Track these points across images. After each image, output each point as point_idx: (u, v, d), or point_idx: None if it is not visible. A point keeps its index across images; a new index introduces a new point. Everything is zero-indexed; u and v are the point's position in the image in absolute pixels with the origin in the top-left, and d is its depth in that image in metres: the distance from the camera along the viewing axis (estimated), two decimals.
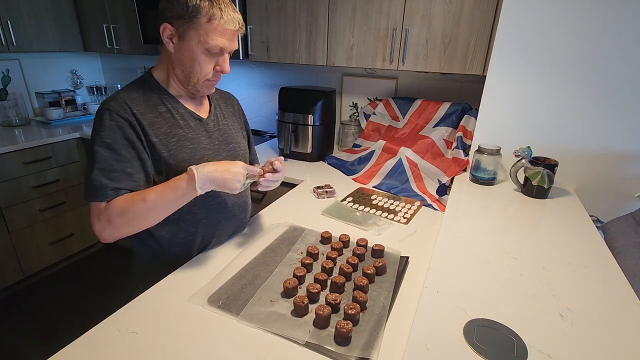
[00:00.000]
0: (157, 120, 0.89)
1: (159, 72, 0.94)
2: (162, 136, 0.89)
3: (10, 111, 2.43)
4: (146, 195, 0.82)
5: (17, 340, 1.94)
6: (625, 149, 1.27)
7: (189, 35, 0.84)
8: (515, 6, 1.26)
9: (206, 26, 0.83)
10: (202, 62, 0.87)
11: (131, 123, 0.84)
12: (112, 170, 0.82)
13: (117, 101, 0.85)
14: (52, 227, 2.34)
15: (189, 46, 0.85)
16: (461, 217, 1.12)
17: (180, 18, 0.82)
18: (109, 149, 0.82)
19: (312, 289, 0.83)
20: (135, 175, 0.85)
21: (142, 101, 0.88)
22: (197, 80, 0.90)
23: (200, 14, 0.81)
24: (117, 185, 0.83)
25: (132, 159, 0.85)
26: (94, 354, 0.68)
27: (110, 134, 0.82)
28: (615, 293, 0.78)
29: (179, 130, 0.93)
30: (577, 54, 1.23)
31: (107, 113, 0.83)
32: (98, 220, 0.83)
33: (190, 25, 0.83)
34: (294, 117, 1.83)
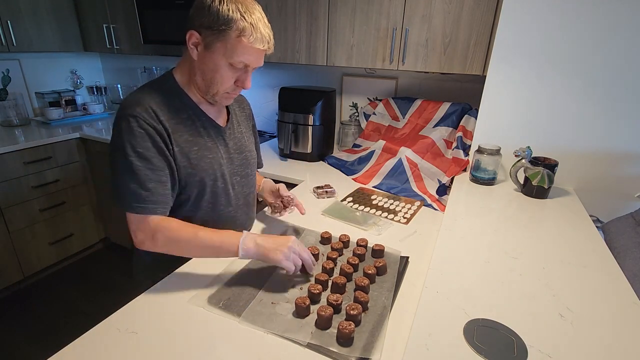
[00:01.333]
0: (178, 126, 0.87)
1: (180, 74, 0.91)
2: (183, 144, 0.88)
3: (10, 111, 2.43)
4: (198, 232, 0.85)
5: (17, 340, 1.94)
6: (626, 149, 1.27)
7: (215, 46, 0.81)
8: (515, 6, 1.26)
9: (234, 41, 0.80)
10: (224, 75, 0.85)
11: (159, 131, 0.83)
12: (148, 181, 0.82)
13: (142, 107, 0.82)
14: (52, 227, 2.34)
15: (213, 57, 0.82)
16: (461, 217, 1.12)
17: (209, 28, 0.79)
18: (142, 158, 0.81)
19: (313, 289, 0.83)
20: (168, 184, 0.86)
21: (165, 105, 0.86)
22: (216, 92, 0.88)
23: (231, 28, 0.78)
24: (155, 197, 0.82)
25: (164, 167, 0.84)
26: (94, 354, 0.68)
27: (141, 142, 0.80)
28: (615, 293, 0.78)
29: (200, 139, 0.91)
30: (577, 53, 1.23)
31: (134, 120, 0.80)
32: (142, 232, 0.84)
33: (218, 38, 0.80)
34: (294, 117, 1.83)
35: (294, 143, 1.87)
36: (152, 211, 0.83)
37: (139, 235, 0.85)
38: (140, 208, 0.82)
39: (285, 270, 0.86)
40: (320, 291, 0.84)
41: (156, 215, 0.84)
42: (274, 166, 1.81)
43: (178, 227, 0.85)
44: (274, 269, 0.94)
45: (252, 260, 0.98)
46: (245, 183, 1.06)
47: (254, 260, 0.98)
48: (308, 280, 0.91)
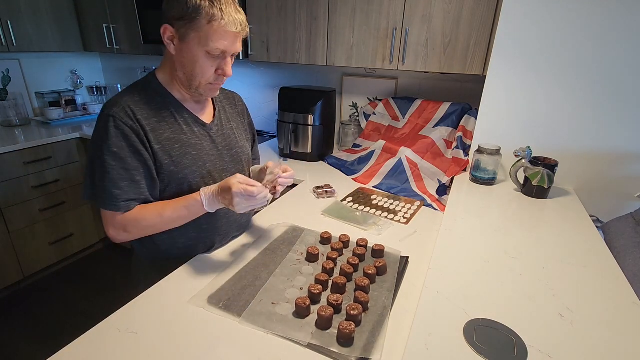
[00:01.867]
0: (160, 125, 0.88)
1: (162, 74, 0.92)
2: (164, 142, 0.88)
3: (10, 111, 2.43)
4: (163, 212, 0.88)
5: (17, 340, 1.94)
6: (625, 149, 1.27)
7: (189, 37, 0.81)
8: (515, 6, 1.26)
9: (206, 28, 0.80)
10: (203, 65, 0.85)
11: (135, 130, 0.83)
12: (121, 179, 0.83)
13: (120, 106, 0.83)
14: (52, 227, 2.34)
15: (190, 48, 0.82)
16: (461, 217, 1.12)
17: (180, 19, 0.80)
18: (116, 157, 0.82)
19: (313, 289, 0.83)
20: (143, 183, 0.87)
21: (145, 104, 0.87)
22: (199, 84, 0.88)
23: (201, 15, 0.78)
24: (127, 195, 0.85)
25: (138, 166, 0.85)
26: (94, 354, 0.68)
27: (116, 142, 0.82)
28: (615, 293, 0.78)
29: (182, 136, 0.92)
30: (577, 54, 1.23)
31: (111, 120, 0.82)
32: (113, 227, 0.88)
33: (190, 27, 0.80)
34: (294, 117, 1.83)
35: (294, 143, 1.87)
36: (124, 207, 0.85)
37: (111, 230, 0.89)
38: (113, 206, 0.84)
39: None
40: (321, 291, 0.84)
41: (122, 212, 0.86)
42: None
43: (142, 212, 0.88)
44: (274, 269, 0.94)
45: (252, 260, 0.99)
46: None
47: (254, 261, 0.98)
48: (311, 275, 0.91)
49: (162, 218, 0.88)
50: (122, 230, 0.88)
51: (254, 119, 1.23)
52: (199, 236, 0.99)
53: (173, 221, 0.90)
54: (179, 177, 0.91)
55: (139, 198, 0.87)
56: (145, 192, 0.88)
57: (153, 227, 0.90)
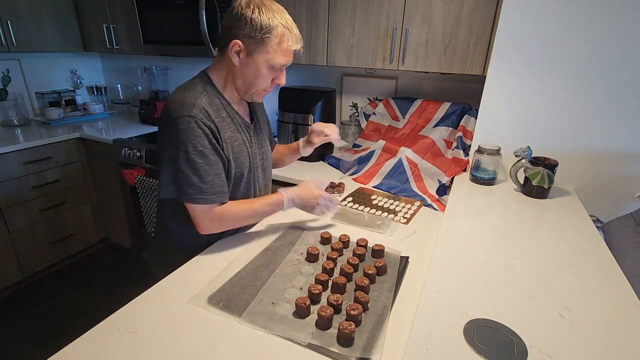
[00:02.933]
0: (222, 124, 0.95)
1: (217, 76, 0.97)
2: (227, 140, 0.97)
3: (10, 111, 2.43)
4: (253, 206, 1.01)
5: (17, 340, 1.94)
6: (625, 149, 1.27)
7: (257, 53, 0.89)
8: (515, 6, 1.26)
9: (276, 47, 0.89)
10: (265, 77, 0.94)
11: (212, 130, 0.91)
12: (207, 175, 0.91)
13: (198, 108, 0.89)
14: (52, 227, 2.34)
15: (256, 63, 0.91)
16: (461, 217, 1.12)
17: (251, 37, 0.87)
18: (202, 155, 0.90)
19: (313, 289, 0.83)
20: (223, 175, 0.96)
21: (209, 105, 0.93)
22: (255, 91, 0.97)
23: (272, 35, 0.88)
24: (214, 189, 0.93)
25: (218, 161, 0.94)
26: (94, 354, 0.68)
27: (200, 141, 0.89)
28: (615, 293, 0.78)
29: (238, 134, 1.00)
30: (577, 54, 1.23)
31: (193, 121, 0.88)
32: (210, 220, 0.95)
33: (260, 45, 0.88)
34: (294, 117, 1.83)
35: None
36: (212, 201, 0.93)
37: (207, 223, 0.95)
38: (202, 199, 0.92)
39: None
40: (321, 291, 0.84)
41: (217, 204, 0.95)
42: None
43: (239, 208, 0.99)
44: (274, 269, 0.95)
45: (252, 260, 0.99)
46: (264, 175, 1.16)
47: (254, 261, 0.99)
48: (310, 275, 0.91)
49: (253, 212, 1.01)
50: (217, 222, 0.96)
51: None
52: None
53: (259, 215, 1.05)
54: (237, 171, 1.01)
55: (223, 190, 0.95)
56: (225, 185, 0.97)
57: (245, 219, 1.02)
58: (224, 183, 0.96)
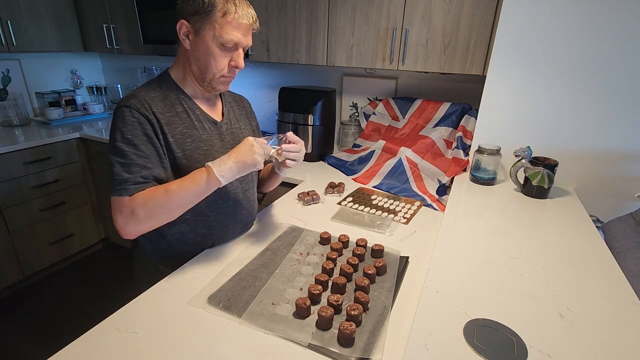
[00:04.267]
0: (174, 119, 0.91)
1: (175, 71, 0.95)
2: (178, 136, 0.91)
3: (10, 111, 2.43)
4: (168, 187, 0.84)
5: (18, 340, 1.94)
6: (625, 149, 1.27)
7: (204, 30, 0.86)
8: (515, 6, 1.26)
9: (221, 20, 0.85)
10: (217, 57, 0.88)
11: (150, 121, 0.86)
12: (132, 165, 0.84)
13: (137, 99, 0.87)
14: (52, 227, 2.34)
15: (205, 41, 0.87)
16: (461, 217, 1.12)
17: (196, 14, 0.85)
18: (130, 144, 0.84)
19: (313, 290, 0.83)
20: (154, 170, 0.87)
21: (160, 100, 0.90)
22: (212, 76, 0.91)
23: (216, 8, 0.84)
24: (136, 179, 0.83)
25: (151, 155, 0.86)
26: (94, 354, 0.68)
27: (131, 129, 0.84)
28: (615, 293, 0.78)
29: (194, 131, 0.94)
30: (577, 53, 1.23)
31: (127, 110, 0.85)
32: (121, 214, 0.83)
33: (205, 20, 0.85)
34: (294, 117, 1.83)
35: None
36: (132, 191, 0.82)
37: (120, 219, 0.83)
38: (122, 189, 0.82)
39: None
40: (321, 292, 0.84)
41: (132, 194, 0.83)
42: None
43: (148, 192, 0.83)
44: (274, 269, 0.94)
45: (252, 260, 0.99)
46: (244, 178, 1.05)
47: (254, 261, 0.98)
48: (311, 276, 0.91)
49: (168, 193, 0.83)
50: (130, 216, 0.82)
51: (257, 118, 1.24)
52: (207, 233, 1.01)
53: (180, 196, 0.84)
54: (189, 170, 0.90)
55: (149, 183, 0.85)
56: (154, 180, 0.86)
57: (160, 206, 0.83)
58: (153, 178, 0.86)
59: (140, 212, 0.82)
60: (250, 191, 1.11)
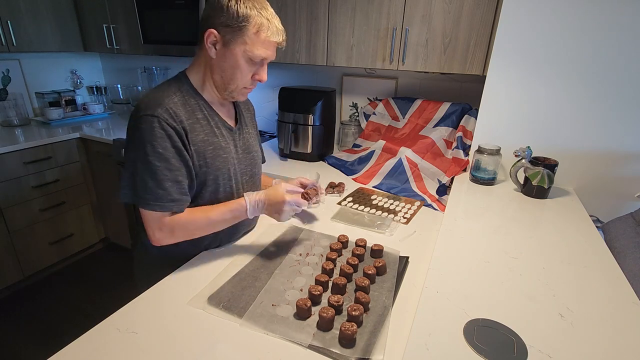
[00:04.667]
0: (195, 126, 0.90)
1: (194, 75, 0.93)
2: (200, 144, 0.90)
3: (10, 111, 2.43)
4: (210, 215, 0.91)
5: (18, 340, 1.94)
6: (626, 149, 1.27)
7: (234, 43, 0.84)
8: (515, 6, 1.26)
9: (253, 36, 0.84)
10: (243, 70, 0.88)
11: (178, 132, 0.85)
12: (165, 180, 0.84)
13: (163, 107, 0.84)
14: (52, 227, 2.34)
15: (233, 54, 0.86)
16: (461, 217, 1.12)
17: (228, 26, 0.83)
18: (162, 158, 0.83)
19: (313, 290, 0.83)
20: (184, 182, 0.88)
21: (182, 106, 0.88)
22: (235, 87, 0.91)
23: (250, 24, 0.83)
24: (171, 196, 0.86)
25: (181, 167, 0.87)
26: (94, 354, 0.68)
27: (161, 143, 0.83)
28: (615, 293, 0.78)
29: (214, 138, 0.94)
30: (578, 53, 1.23)
31: (155, 121, 0.82)
32: (160, 231, 0.88)
33: (237, 34, 0.83)
34: (294, 117, 1.83)
35: (294, 143, 1.87)
36: (168, 209, 0.86)
37: (157, 233, 0.88)
38: (158, 206, 0.85)
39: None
40: (321, 292, 0.84)
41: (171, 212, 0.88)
42: (274, 166, 1.81)
43: (190, 215, 0.90)
44: (273, 270, 0.94)
45: (251, 261, 0.99)
46: (252, 182, 1.09)
47: (253, 261, 0.98)
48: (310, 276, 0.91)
49: (209, 220, 0.91)
50: (169, 233, 0.88)
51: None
52: (216, 235, 1.01)
53: (218, 224, 0.93)
54: (210, 178, 0.94)
55: (182, 199, 0.88)
56: (187, 193, 0.90)
57: (200, 230, 0.92)
58: (184, 191, 0.89)
59: (180, 233, 0.90)
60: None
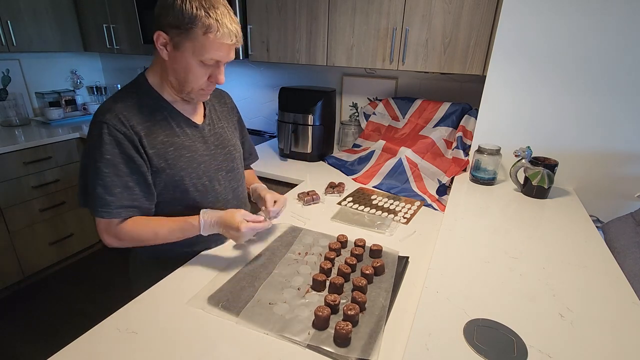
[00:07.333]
0: (154, 128, 0.88)
1: (153, 76, 0.91)
2: (159, 145, 0.88)
3: (10, 111, 2.43)
4: (158, 231, 0.90)
5: (17, 340, 1.94)
6: (626, 149, 1.27)
7: (183, 46, 0.81)
8: (515, 6, 1.26)
9: (202, 39, 0.79)
10: (196, 73, 0.85)
11: (129, 137, 0.83)
12: (114, 186, 0.83)
13: (113, 113, 0.82)
14: (52, 227, 2.34)
15: (184, 56, 0.82)
16: (461, 217, 1.12)
17: (175, 28, 0.79)
18: (110, 164, 0.82)
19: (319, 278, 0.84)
20: (137, 189, 0.87)
21: (138, 109, 0.86)
22: (191, 89, 0.88)
23: (197, 26, 0.78)
24: (120, 202, 0.85)
25: (131, 172, 0.85)
26: (94, 354, 0.68)
27: (109, 149, 0.82)
28: (615, 293, 0.78)
29: (176, 138, 0.92)
30: (577, 53, 1.23)
31: (105, 127, 0.81)
32: (107, 234, 0.89)
33: (185, 36, 0.80)
34: (294, 117, 1.83)
35: (294, 143, 1.87)
36: (116, 215, 0.85)
37: (106, 237, 0.89)
38: (106, 212, 0.84)
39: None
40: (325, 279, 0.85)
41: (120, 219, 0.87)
42: (274, 166, 1.81)
43: (137, 227, 0.89)
44: (272, 269, 0.94)
45: (251, 261, 0.99)
46: (232, 177, 1.06)
47: (253, 261, 0.99)
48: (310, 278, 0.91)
49: (156, 236, 0.90)
50: (115, 239, 0.89)
51: (254, 119, 1.24)
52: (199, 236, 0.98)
53: (166, 240, 0.92)
54: (175, 179, 0.92)
55: (133, 205, 0.87)
56: (139, 199, 0.88)
57: (146, 242, 0.91)
58: (136, 197, 0.87)
59: (125, 240, 0.90)
60: (239, 189, 1.11)
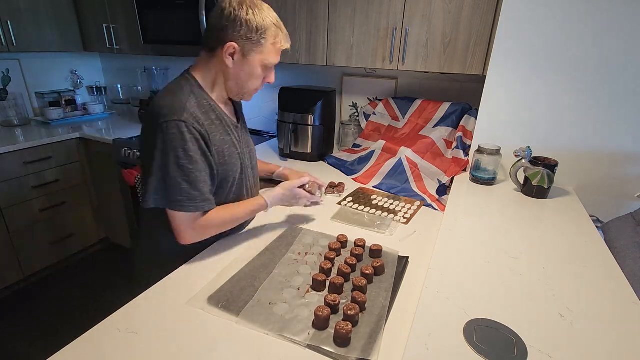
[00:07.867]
0: (212, 127, 0.93)
1: (203, 77, 0.95)
2: (218, 143, 0.95)
3: (10, 111, 2.43)
4: (236, 213, 1.01)
5: (17, 340, 1.94)
6: (626, 149, 1.27)
7: (252, 54, 0.90)
8: (515, 6, 1.26)
9: (270, 47, 0.91)
10: (258, 77, 0.95)
11: (203, 135, 0.89)
12: (198, 181, 0.89)
13: (188, 112, 0.87)
14: (52, 227, 2.34)
15: (251, 64, 0.91)
16: (461, 217, 1.12)
17: (248, 39, 0.88)
18: (193, 161, 0.88)
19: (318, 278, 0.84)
20: (210, 182, 0.94)
21: (199, 108, 0.91)
22: (247, 91, 0.97)
23: (267, 37, 0.89)
24: (203, 196, 0.91)
25: (206, 167, 0.91)
26: (94, 354, 0.68)
27: (191, 147, 0.87)
28: (615, 293, 0.78)
29: (227, 137, 0.99)
30: (577, 53, 1.23)
31: (184, 125, 0.85)
32: (192, 230, 0.93)
33: (256, 46, 0.89)
34: (294, 117, 1.83)
35: (294, 143, 1.87)
36: (201, 208, 0.91)
37: (189, 232, 0.93)
38: (193, 207, 0.89)
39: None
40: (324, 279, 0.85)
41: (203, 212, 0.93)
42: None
43: (218, 214, 0.96)
44: (272, 269, 0.95)
45: (251, 261, 0.99)
46: (255, 174, 1.16)
47: (252, 261, 0.99)
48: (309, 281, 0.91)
49: (234, 218, 1.00)
50: (201, 231, 0.94)
51: (254, 119, 1.26)
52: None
53: (239, 221, 1.03)
54: (228, 174, 0.99)
55: (211, 198, 0.94)
56: (212, 191, 0.95)
57: (227, 226, 1.01)
58: (212, 190, 0.95)
59: (211, 230, 0.97)
60: (258, 184, 1.20)
